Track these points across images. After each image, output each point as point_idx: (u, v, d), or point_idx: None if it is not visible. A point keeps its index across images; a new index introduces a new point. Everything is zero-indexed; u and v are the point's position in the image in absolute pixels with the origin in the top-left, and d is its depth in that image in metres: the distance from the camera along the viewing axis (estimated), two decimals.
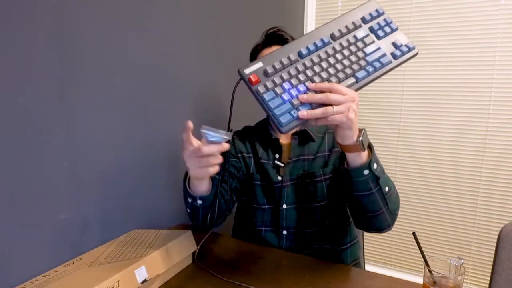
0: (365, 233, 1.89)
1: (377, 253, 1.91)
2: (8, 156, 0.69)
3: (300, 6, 1.87)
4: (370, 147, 0.70)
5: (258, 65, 0.64)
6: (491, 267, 0.88)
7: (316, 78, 0.64)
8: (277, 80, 0.63)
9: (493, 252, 0.88)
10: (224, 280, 0.75)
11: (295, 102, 0.61)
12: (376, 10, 0.71)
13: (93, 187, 0.86)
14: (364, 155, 0.67)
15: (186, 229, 0.93)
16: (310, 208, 0.90)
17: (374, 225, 0.76)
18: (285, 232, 0.92)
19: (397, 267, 1.87)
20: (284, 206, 0.91)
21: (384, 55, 0.67)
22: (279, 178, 0.92)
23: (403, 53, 0.68)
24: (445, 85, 1.63)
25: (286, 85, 0.63)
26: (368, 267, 1.41)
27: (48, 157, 0.76)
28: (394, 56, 0.67)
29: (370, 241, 1.91)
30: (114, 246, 0.84)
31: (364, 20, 0.70)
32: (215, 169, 0.64)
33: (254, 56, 0.98)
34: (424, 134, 1.71)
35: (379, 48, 0.68)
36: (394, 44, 0.68)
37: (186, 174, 0.78)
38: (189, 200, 0.78)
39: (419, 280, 0.72)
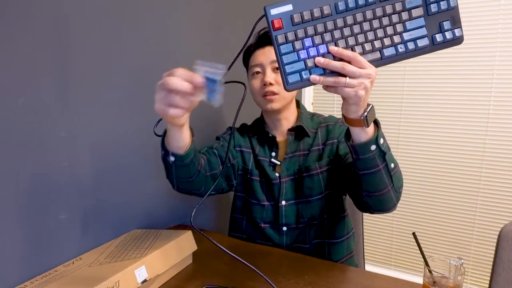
0: (365, 233, 1.89)
1: (377, 253, 1.91)
2: (8, 156, 0.69)
3: None
4: (376, 123, 0.68)
5: (287, 7, 0.59)
6: (491, 267, 0.88)
7: (341, 43, 0.59)
8: (300, 33, 0.59)
9: (493, 252, 0.88)
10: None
11: (309, 63, 0.59)
12: None
13: (93, 187, 0.86)
14: (369, 131, 0.66)
15: (186, 229, 0.93)
16: (309, 202, 0.91)
17: (379, 205, 0.75)
18: (285, 229, 0.93)
19: (397, 267, 1.87)
20: (283, 202, 0.92)
21: (423, 36, 0.59)
22: (277, 174, 0.94)
23: (444, 40, 0.59)
24: (445, 85, 1.63)
25: (307, 42, 0.59)
26: (368, 267, 1.41)
27: (48, 157, 0.76)
28: (433, 41, 0.59)
29: (370, 241, 1.91)
30: (114, 246, 0.84)
31: None
32: (176, 112, 0.57)
33: (246, 59, 0.96)
34: (424, 134, 1.70)
35: (422, 27, 0.59)
36: (440, 26, 0.59)
37: None
38: (162, 152, 0.73)
39: (419, 280, 0.72)
